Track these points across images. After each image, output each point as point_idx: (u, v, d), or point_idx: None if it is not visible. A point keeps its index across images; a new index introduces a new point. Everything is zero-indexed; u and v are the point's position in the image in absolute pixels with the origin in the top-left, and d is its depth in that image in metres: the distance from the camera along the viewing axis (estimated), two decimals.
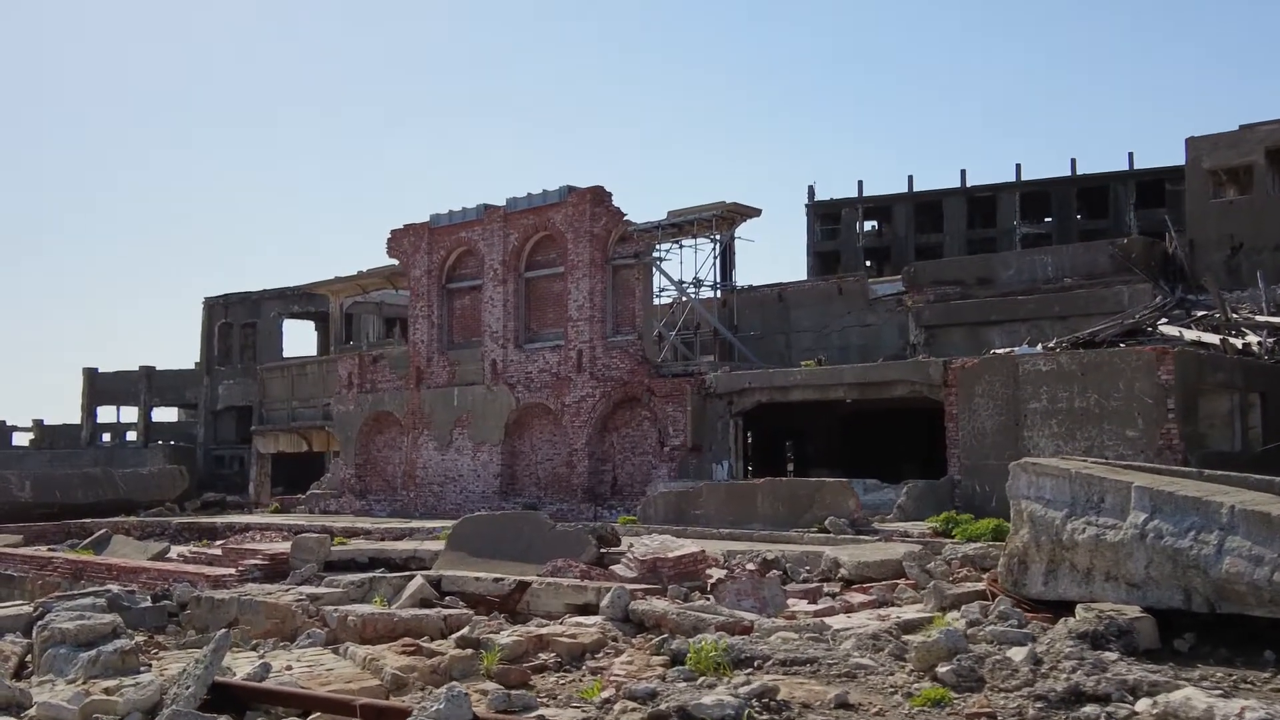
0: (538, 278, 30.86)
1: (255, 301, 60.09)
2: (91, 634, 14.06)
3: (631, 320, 28.77)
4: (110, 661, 13.33)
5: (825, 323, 33.85)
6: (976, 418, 22.38)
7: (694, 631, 13.78)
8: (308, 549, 19.52)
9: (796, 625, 13.40)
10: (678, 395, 26.82)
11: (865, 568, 16.77)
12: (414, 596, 16.93)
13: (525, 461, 30.45)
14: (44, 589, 22.72)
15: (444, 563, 18.81)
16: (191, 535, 29.87)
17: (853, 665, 11.39)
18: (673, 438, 26.91)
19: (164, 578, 20.20)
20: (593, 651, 13.87)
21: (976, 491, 22.21)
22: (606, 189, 29.18)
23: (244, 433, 60.23)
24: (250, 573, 19.31)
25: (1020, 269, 31.41)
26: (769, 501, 21.47)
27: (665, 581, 16.28)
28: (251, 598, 17.26)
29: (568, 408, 29.05)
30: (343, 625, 16.21)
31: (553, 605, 16.19)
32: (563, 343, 29.60)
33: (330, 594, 17.26)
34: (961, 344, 29.90)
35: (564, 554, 17.89)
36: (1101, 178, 68.29)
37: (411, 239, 33.39)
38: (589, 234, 29.00)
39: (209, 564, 22.46)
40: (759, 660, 12.06)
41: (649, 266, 28.93)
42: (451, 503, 31.34)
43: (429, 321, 32.76)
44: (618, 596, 14.87)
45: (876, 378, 24.05)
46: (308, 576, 18.49)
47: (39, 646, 14.42)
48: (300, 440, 44.50)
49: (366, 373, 34.61)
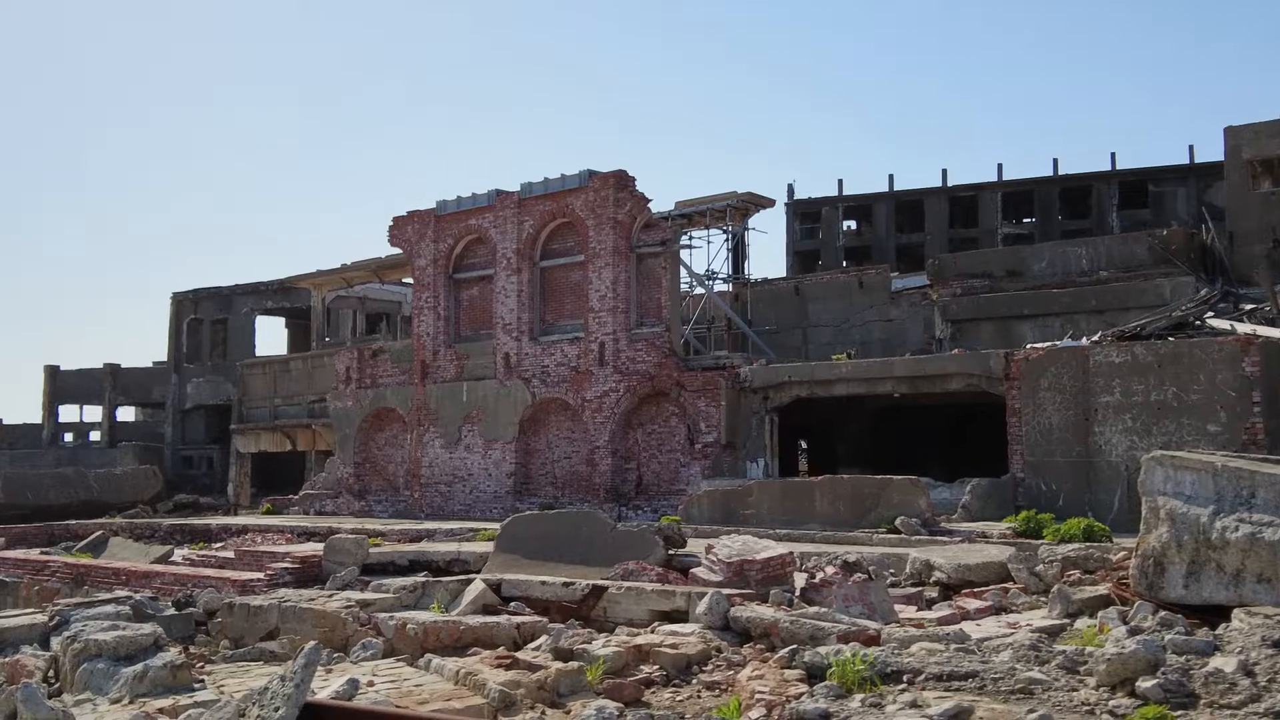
0: (554, 266, 29.39)
1: (226, 297, 58.09)
2: (132, 646, 12.54)
3: (657, 311, 27.38)
4: (160, 678, 11.82)
5: (845, 317, 32.69)
6: (1042, 412, 21.25)
7: (811, 641, 12.46)
8: (344, 551, 17.98)
9: (933, 634, 12.11)
10: (711, 389, 25.47)
11: (966, 571, 15.52)
12: (475, 603, 15.47)
13: (541, 460, 28.97)
14: (42, 595, 20.98)
15: (495, 565, 17.35)
16: (184, 537, 28.13)
17: (1025, 680, 10.10)
18: (705, 434, 25.56)
19: (180, 582, 18.61)
20: (698, 663, 12.58)
21: (1042, 490, 21.10)
22: (630, 173, 27.79)
23: (214, 432, 58.21)
24: (280, 576, 17.78)
25: (1052, 261, 30.40)
26: (828, 500, 20.21)
27: (753, 585, 14.95)
28: (294, 604, 15.70)
29: (589, 403, 27.61)
30: (401, 634, 14.75)
31: (634, 612, 14.80)
32: (583, 335, 28.16)
33: (381, 600, 15.75)
34: (991, 339, 28.84)
35: (629, 556, 16.51)
36: (1084, 178, 67.86)
37: (416, 226, 31.80)
38: (612, 220, 27.58)
39: (220, 567, 20.85)
40: (908, 674, 10.81)
41: (676, 255, 27.58)
42: (460, 503, 29.81)
43: (435, 313, 31.18)
44: (716, 603, 13.51)
45: (931, 370, 22.86)
46: (349, 581, 16.96)
47: (70, 660, 12.85)
48: (284, 439, 42.69)
49: (366, 367, 32.96)
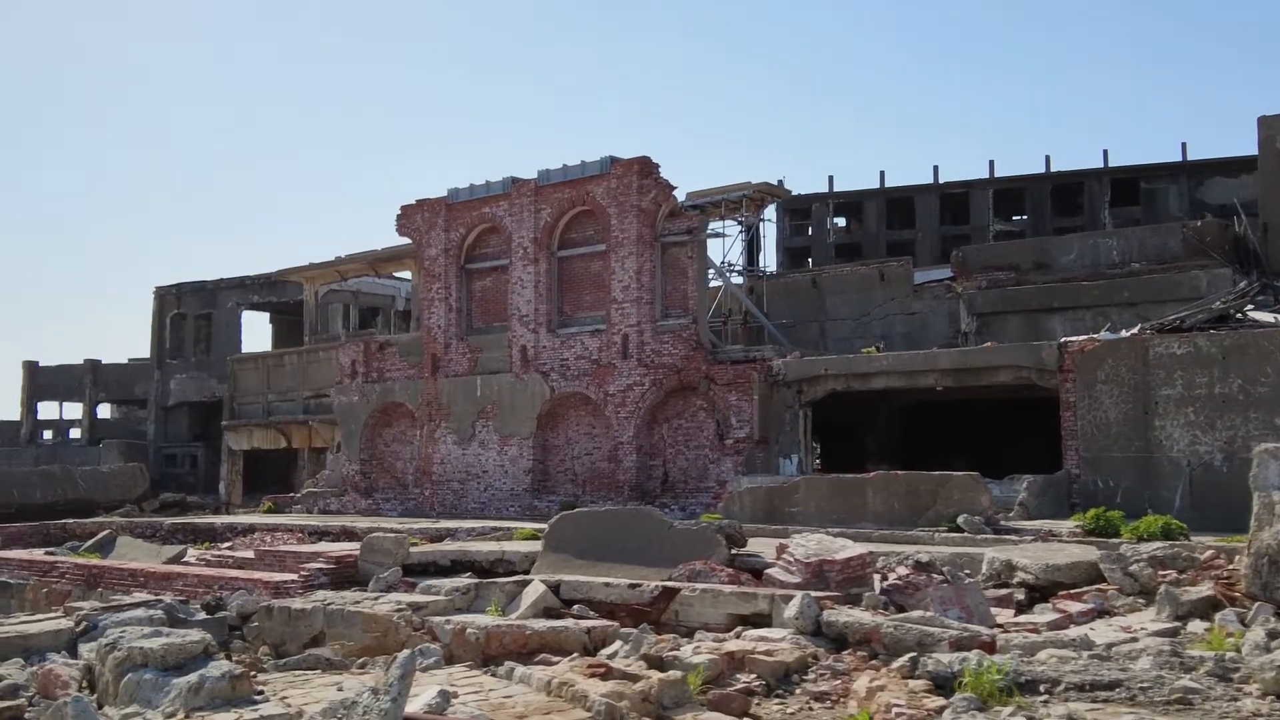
0: (573, 256, 28.41)
1: (211, 291, 56.76)
2: (181, 654, 11.50)
3: (683, 302, 26.46)
4: (218, 689, 10.79)
5: (865, 310, 31.83)
6: (1098, 406, 20.49)
7: (919, 648, 11.57)
8: (382, 550, 16.98)
9: (1056, 640, 11.29)
10: (742, 383, 24.58)
11: (1054, 571, 14.70)
12: (535, 605, 14.51)
13: (560, 456, 27.99)
14: (51, 598, 19.84)
15: (546, 566, 16.38)
16: (188, 537, 27.02)
17: (1180, 689, 9.31)
18: (736, 429, 24.67)
19: (205, 584, 17.57)
20: (796, 671, 11.69)
21: (1099, 487, 20.34)
22: (654, 159, 26.86)
23: (197, 430, 56.87)
24: (315, 578, 16.77)
25: (1081, 253, 29.68)
26: (882, 497, 19.36)
27: (832, 586, 14.09)
28: (340, 607, 14.69)
29: (611, 397, 26.66)
30: (460, 639, 13.78)
31: (710, 615, 13.87)
32: (604, 327, 27.20)
33: (434, 603, 14.77)
34: (1018, 332, 28.09)
35: (690, 556, 15.60)
36: (1076, 175, 67.47)
37: (426, 215, 30.74)
38: (636, 208, 26.65)
39: (240, 568, 19.79)
40: (1045, 683, 10.02)
41: (703, 244, 26.67)
42: (475, 501, 28.79)
43: (446, 305, 30.13)
44: (806, 606, 12.61)
45: (977, 362, 22.07)
46: (392, 582, 15.96)
47: (111, 670, 11.79)
48: (278, 436, 41.48)
49: (372, 361, 31.87)
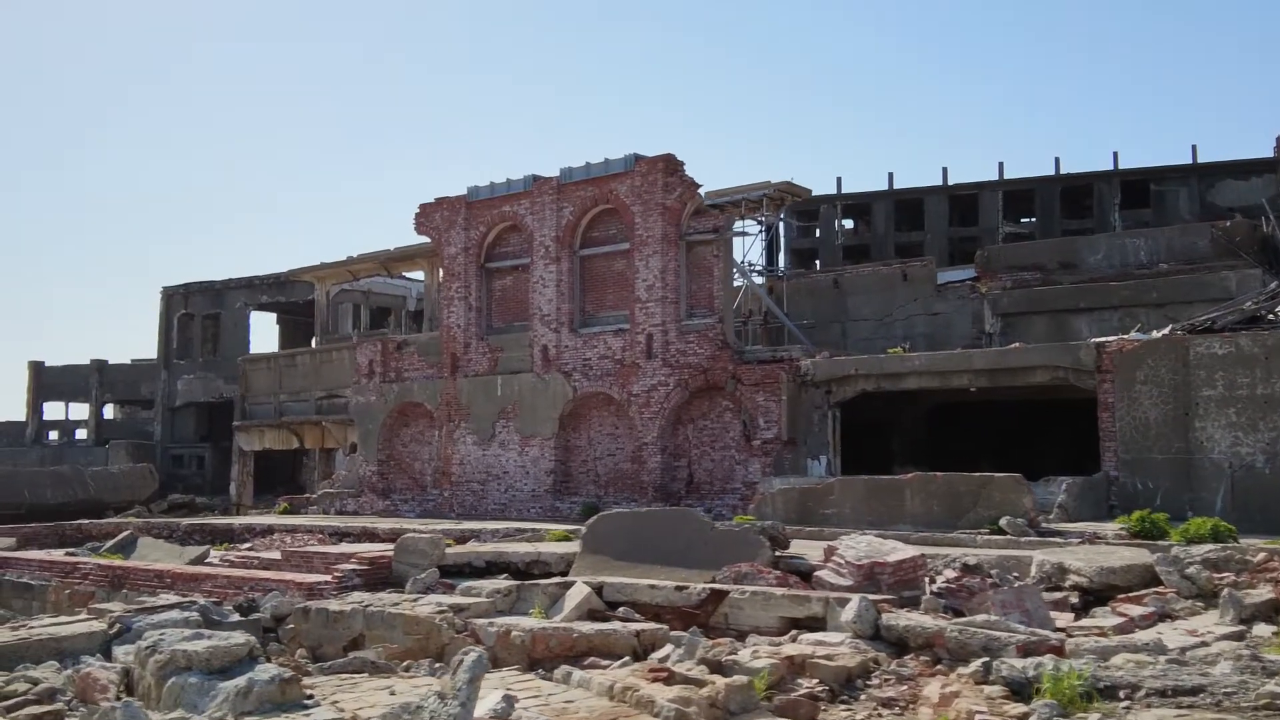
0: (595, 255, 28.09)
1: (219, 291, 56.47)
2: (226, 657, 11.21)
3: (708, 301, 26.13)
4: (268, 693, 10.50)
5: (887, 310, 31.54)
6: (1137, 407, 20.18)
7: (985, 652, 11.30)
8: (417, 551, 16.66)
9: (1130, 645, 10.97)
10: (770, 383, 24.26)
11: (1109, 574, 14.38)
12: (579, 608, 14.19)
13: (582, 457, 27.66)
14: (74, 599, 19.52)
15: (585, 567, 16.07)
16: (205, 538, 26.70)
17: (1268, 695, 9.07)
18: (763, 430, 24.34)
19: (234, 585, 17.26)
20: (859, 676, 11.40)
21: (1138, 489, 20.04)
22: (678, 157, 26.56)
23: (204, 430, 56.58)
24: (348, 579, 16.44)
25: (1109, 253, 29.43)
26: (920, 499, 19.05)
27: (884, 589, 13.77)
28: (380, 609, 14.37)
29: (635, 397, 26.33)
30: (504, 642, 13.47)
31: (762, 618, 13.55)
32: (628, 326, 26.87)
33: (476, 604, 14.46)
34: (1044, 333, 27.86)
35: (733, 558, 15.29)
36: (1085, 177, 67.18)
37: (445, 214, 30.43)
38: (660, 206, 26.34)
39: (265, 568, 19.46)
40: (1124, 689, 9.77)
41: (729, 243, 26.33)
42: (495, 502, 28.45)
43: (466, 304, 29.81)
44: (864, 610, 12.32)
45: (1014, 363, 21.74)
46: (430, 584, 15.64)
47: (154, 674, 11.49)
48: (290, 436, 41.15)
49: (390, 360, 31.54)
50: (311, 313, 55.51)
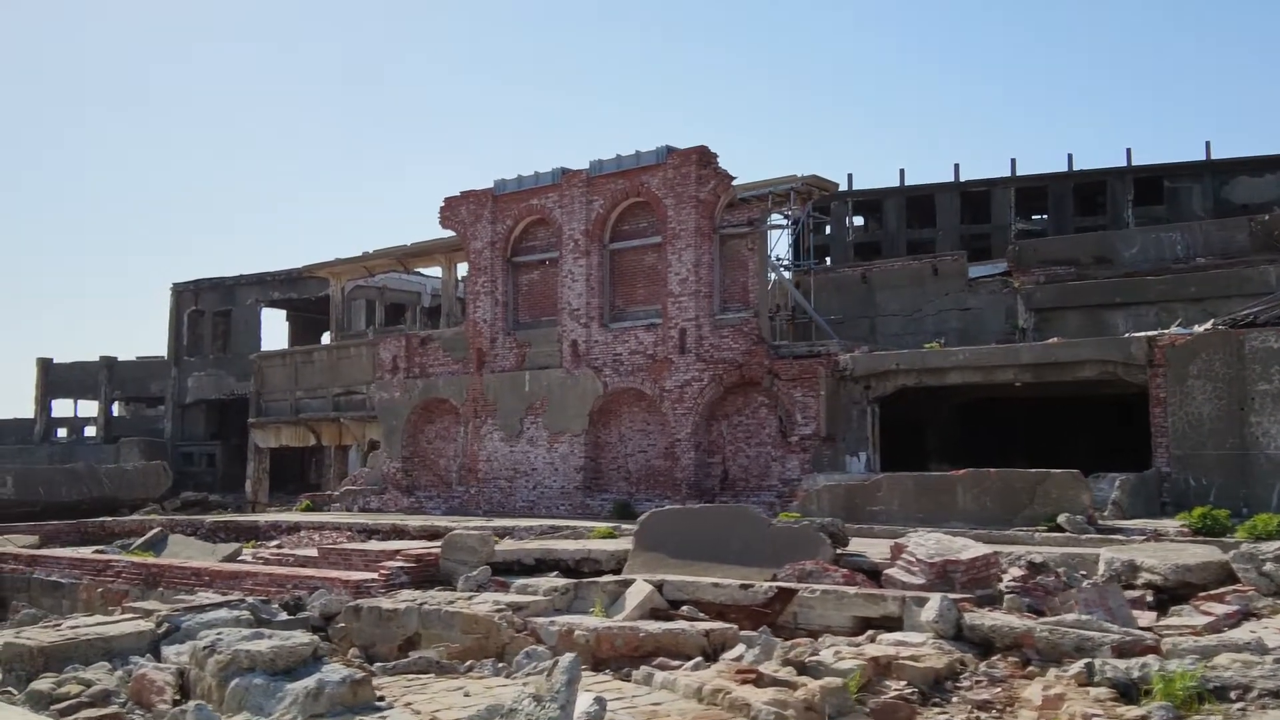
0: (625, 249, 27.68)
1: (230, 288, 56.08)
2: (291, 658, 10.84)
3: (743, 296, 25.72)
4: (339, 695, 10.14)
5: (918, 306, 31.19)
6: (1190, 402, 19.79)
7: (1078, 653, 10.96)
8: (466, 549, 16.27)
9: (1230, 644, 10.57)
10: (808, 378, 23.86)
11: (1184, 572, 13.99)
12: (642, 607, 13.79)
13: (612, 453, 27.25)
14: (106, 598, 19.11)
15: (639, 565, 15.68)
16: (230, 535, 26.30)
17: None
18: (801, 426, 23.94)
19: (276, 583, 16.85)
20: (947, 678, 11.01)
21: (1190, 485, 19.66)
22: (711, 149, 26.16)
23: (214, 428, 56.21)
24: (395, 576, 16.05)
25: (1144, 248, 29.07)
26: (973, 496, 18.66)
27: (957, 588, 13.38)
28: (437, 607, 13.98)
29: (668, 393, 25.93)
30: (566, 641, 13.07)
31: (834, 618, 13.16)
32: (660, 321, 26.47)
33: (534, 603, 14.05)
34: (1078, 328, 27.48)
35: (794, 555, 14.89)
36: (1098, 173, 66.77)
37: (471, 207, 30.01)
38: (694, 199, 25.94)
39: (302, 566, 19.04)
40: (1235, 689, 9.43)
41: (764, 236, 25.93)
42: (523, 499, 28.05)
43: (492, 298, 29.40)
44: (946, 609, 11.92)
45: (1061, 357, 21.34)
46: (483, 582, 15.25)
47: (214, 675, 11.12)
48: (307, 433, 40.76)
49: (414, 356, 31.12)
50: (322, 309, 55.19)
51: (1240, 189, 61.00)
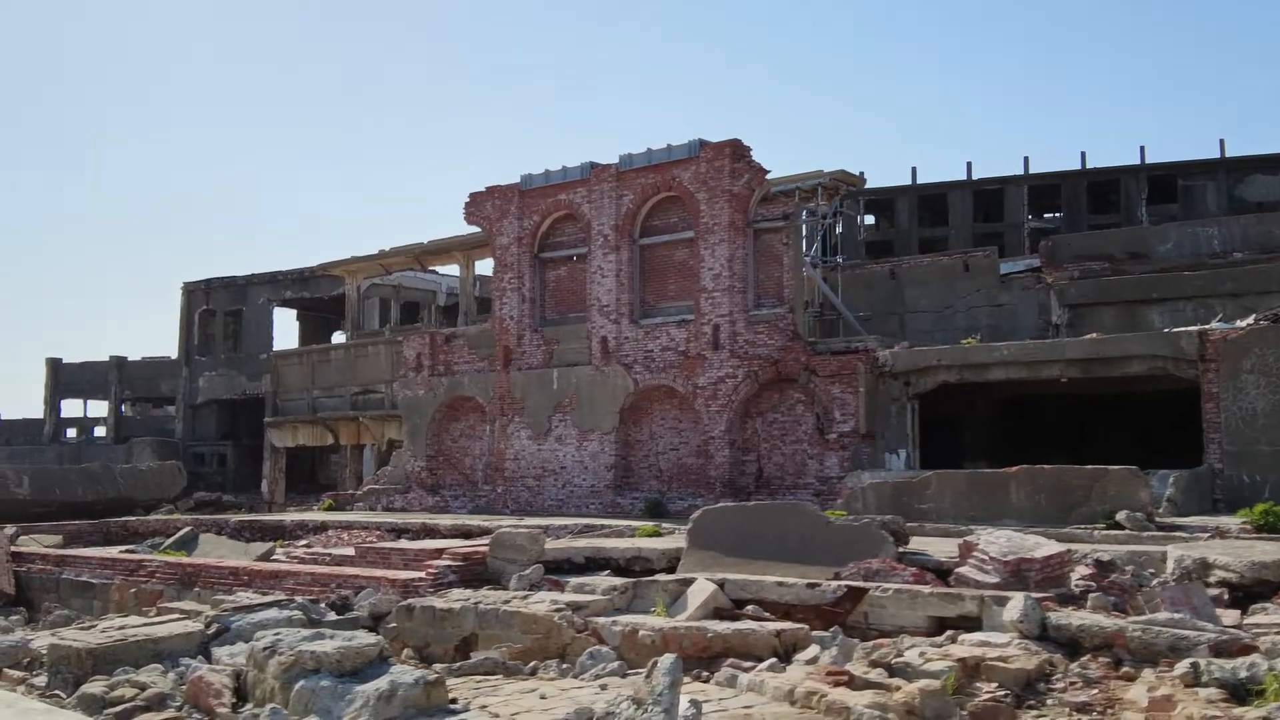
0: (655, 244, 27.29)
1: (241, 287, 55.66)
2: (358, 659, 10.49)
3: (777, 291, 25.33)
4: (412, 698, 9.79)
5: (948, 302, 30.78)
6: (1244, 397, 19.42)
7: (1173, 653, 10.58)
8: (515, 547, 15.87)
9: None
10: (847, 374, 23.48)
11: (1260, 569, 13.57)
12: (705, 606, 13.40)
13: (643, 451, 26.86)
14: (141, 598, 18.73)
15: (693, 563, 15.29)
16: (255, 534, 25.91)
17: None
18: (840, 423, 23.56)
19: (320, 583, 16.47)
20: (1039, 679, 10.64)
21: (1244, 482, 19.28)
22: (745, 142, 25.79)
23: (226, 428, 55.82)
24: (443, 575, 15.67)
25: (1180, 242, 28.68)
26: (1026, 493, 18.27)
27: (1031, 586, 12.98)
28: (494, 607, 13.59)
29: (701, 390, 25.54)
30: (630, 642, 12.72)
31: (908, 618, 12.76)
32: (692, 317, 26.08)
33: (593, 602, 13.67)
34: (1113, 324, 27.07)
35: (854, 553, 14.50)
36: (1112, 171, 66.29)
37: (497, 203, 29.62)
38: (727, 193, 25.54)
39: (338, 564, 18.66)
40: None
41: (799, 230, 25.56)
42: (551, 498, 27.66)
43: (519, 295, 29.01)
44: (1030, 609, 11.54)
45: (1110, 352, 20.94)
46: (535, 581, 14.86)
47: (277, 677, 10.75)
48: (325, 432, 40.36)
49: (439, 353, 30.73)
50: (334, 309, 54.80)
51: (1255, 187, 60.54)
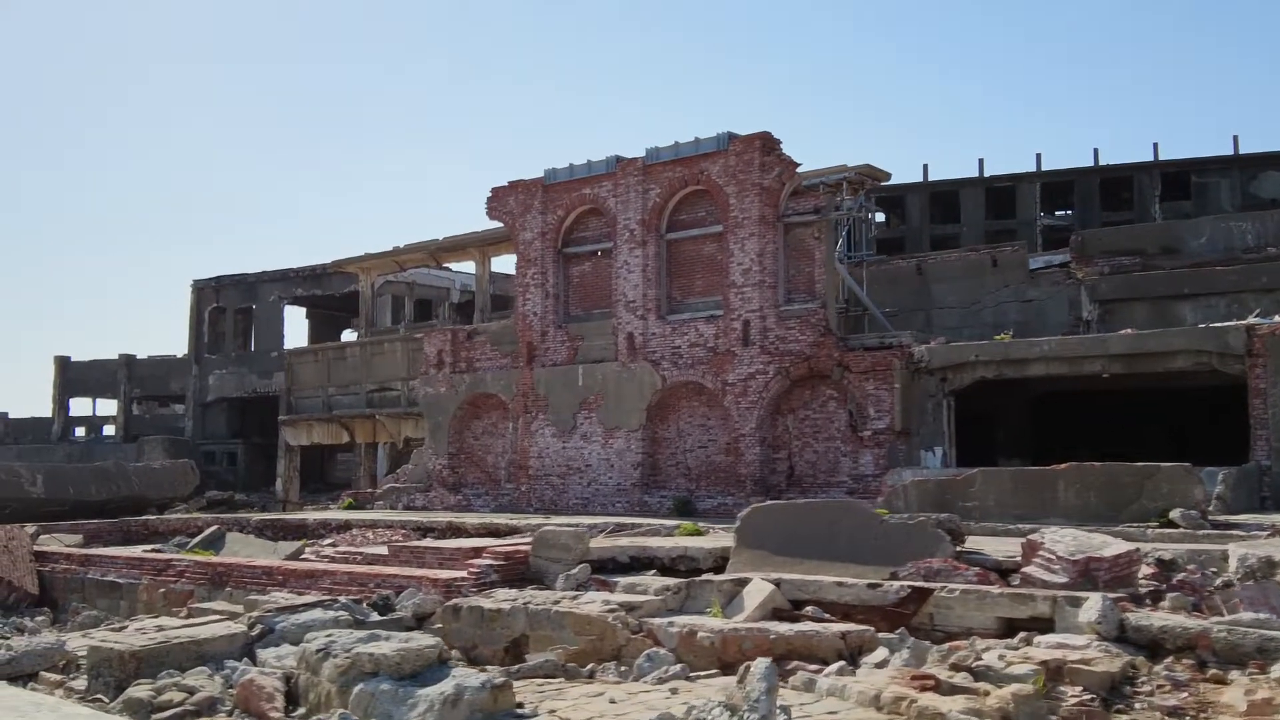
0: (683, 239, 26.91)
1: (252, 284, 55.22)
2: (418, 661, 10.16)
3: (809, 286, 24.98)
4: (480, 702, 9.44)
5: (975, 298, 30.37)
6: None
7: (1260, 654, 10.22)
8: (559, 545, 15.50)
9: None
10: (882, 370, 23.11)
11: None
12: (764, 607, 13.02)
13: (670, 449, 26.48)
14: (170, 598, 18.36)
15: (742, 563, 14.92)
16: (277, 533, 25.52)
17: None
18: (874, 420, 23.19)
19: (358, 582, 16.11)
20: (1125, 682, 10.27)
21: None
22: (775, 135, 25.41)
23: (236, 426, 55.42)
24: (485, 575, 15.28)
25: (1214, 237, 28.26)
26: (1075, 491, 17.87)
27: (1100, 586, 12.60)
28: (546, 608, 13.21)
29: (731, 386, 25.16)
30: (687, 644, 12.35)
31: (976, 619, 12.38)
32: (721, 312, 25.71)
33: (646, 603, 13.30)
34: (1145, 320, 26.69)
35: (910, 552, 14.13)
36: (1125, 168, 65.85)
37: (520, 197, 29.24)
38: (757, 187, 25.18)
39: (370, 563, 18.29)
40: None
41: (831, 224, 25.18)
42: (576, 496, 27.28)
43: (543, 290, 28.62)
44: (1109, 609, 11.17)
45: (1154, 347, 20.58)
46: (583, 580, 14.48)
47: (333, 680, 10.41)
48: (340, 430, 39.99)
49: (460, 350, 30.36)
50: (344, 306, 54.40)
51: (1268, 183, 60.17)
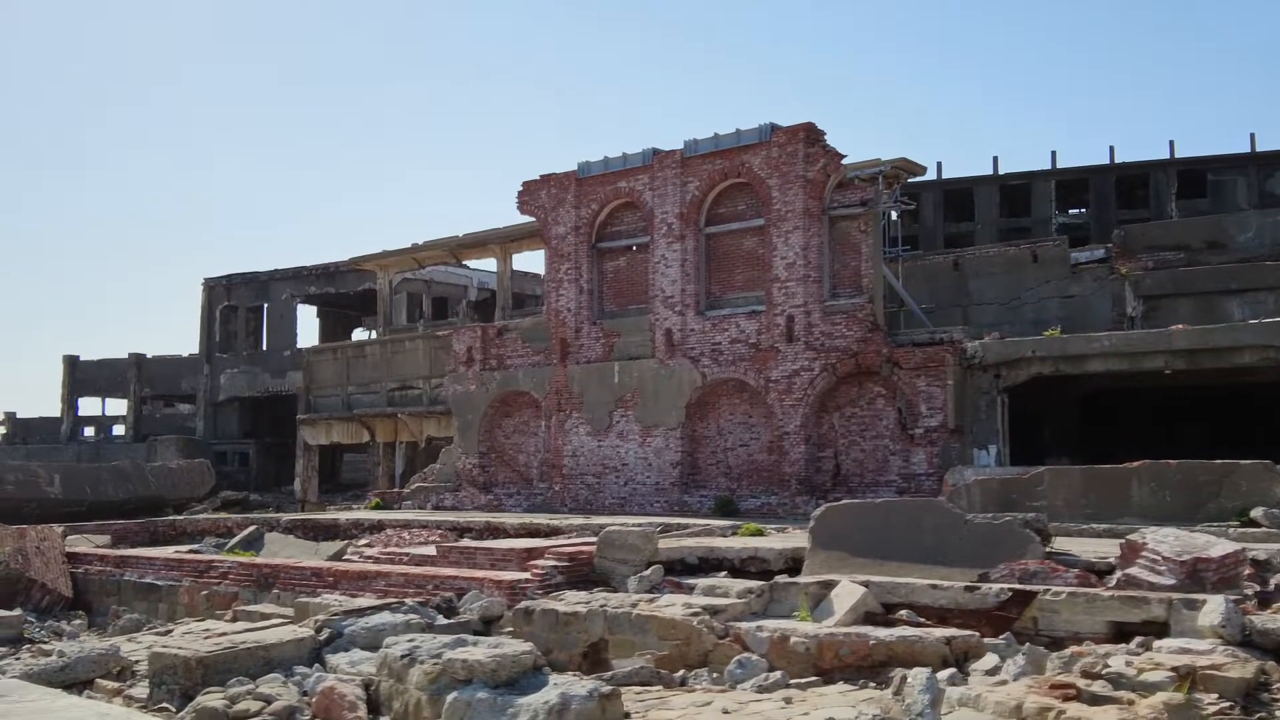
0: (722, 233, 26.34)
1: (264, 282, 54.60)
2: (514, 668, 9.58)
3: (854, 280, 24.41)
4: (587, 712, 8.91)
5: (1015, 294, 29.80)
6: None
7: None
8: (627, 546, 14.94)
9: None
10: (934, 367, 22.54)
11: None
12: (855, 610, 12.45)
13: (710, 448, 25.89)
14: (214, 601, 17.76)
15: (819, 564, 14.35)
16: (307, 534, 24.92)
17: None
18: (926, 418, 22.62)
19: (414, 584, 15.55)
20: (1259, 689, 9.68)
21: None
22: (819, 126, 24.86)
23: (248, 426, 54.84)
24: (550, 576, 14.71)
25: (1260, 231, 27.76)
26: (1150, 489, 17.35)
27: (1208, 587, 12.06)
28: (626, 611, 12.62)
29: (774, 384, 24.58)
30: (779, 649, 11.76)
31: (1084, 623, 11.81)
32: (763, 308, 25.13)
33: (730, 606, 12.72)
34: (1190, 316, 26.12)
35: (998, 553, 13.57)
36: (1141, 166, 65.26)
37: (552, 191, 28.66)
38: (801, 179, 24.61)
39: (419, 564, 17.69)
40: None
41: (877, 217, 24.61)
42: (613, 496, 26.70)
43: (576, 286, 28.04)
44: (1232, 612, 10.59)
45: (1220, 342, 20.05)
46: (656, 582, 13.90)
47: (422, 687, 9.88)
48: (361, 429, 39.37)
49: (490, 347, 29.77)
50: (356, 304, 53.84)
51: None
